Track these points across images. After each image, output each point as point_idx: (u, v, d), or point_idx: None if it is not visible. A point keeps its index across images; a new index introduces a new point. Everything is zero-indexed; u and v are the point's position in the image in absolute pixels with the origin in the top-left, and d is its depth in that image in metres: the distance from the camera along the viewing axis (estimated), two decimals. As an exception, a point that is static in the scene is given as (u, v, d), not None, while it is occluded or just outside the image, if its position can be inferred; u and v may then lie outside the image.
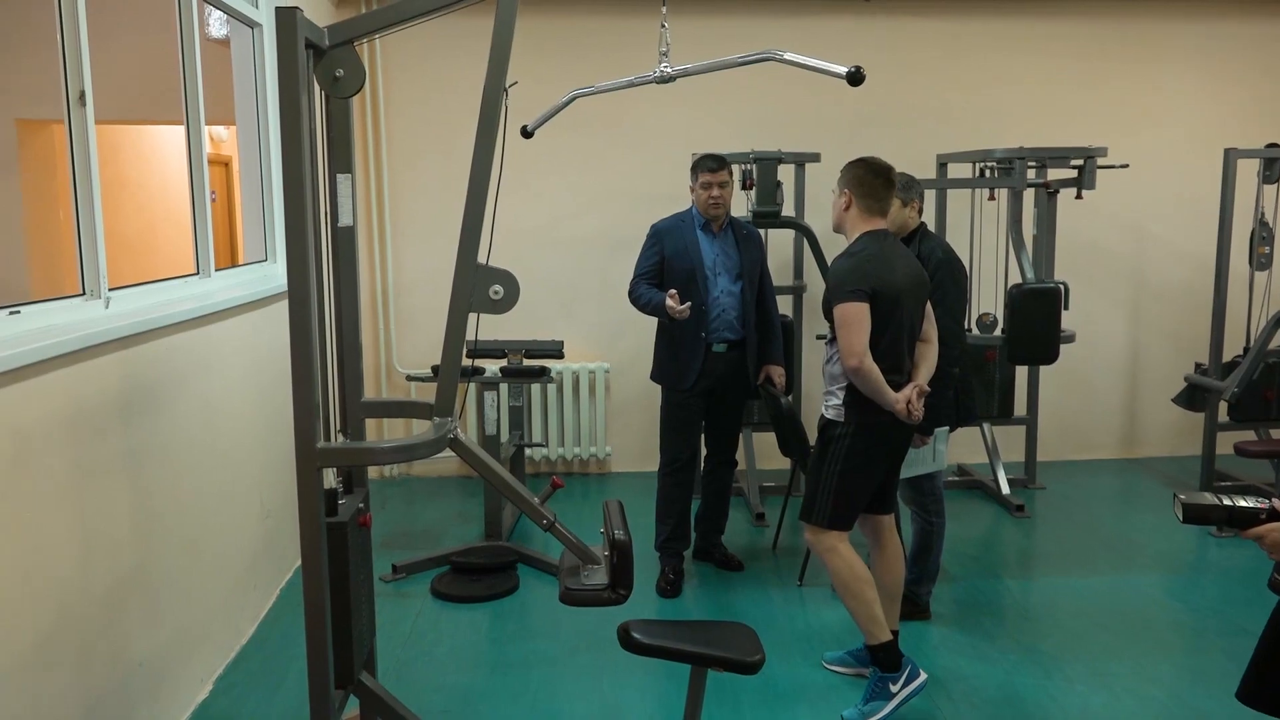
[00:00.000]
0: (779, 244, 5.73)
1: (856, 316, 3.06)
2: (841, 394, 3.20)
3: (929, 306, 3.34)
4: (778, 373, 4.27)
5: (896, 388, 3.14)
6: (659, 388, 4.30)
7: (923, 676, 3.28)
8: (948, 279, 3.64)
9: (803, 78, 4.57)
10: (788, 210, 5.19)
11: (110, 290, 2.95)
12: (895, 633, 3.37)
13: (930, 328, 3.36)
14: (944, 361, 3.55)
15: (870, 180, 3.23)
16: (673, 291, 3.96)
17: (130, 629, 2.84)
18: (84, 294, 2.88)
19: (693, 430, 4.25)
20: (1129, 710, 3.24)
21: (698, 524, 4.47)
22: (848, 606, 3.25)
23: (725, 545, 4.52)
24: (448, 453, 2.40)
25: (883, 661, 3.21)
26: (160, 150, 7.62)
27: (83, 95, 2.78)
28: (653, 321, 4.29)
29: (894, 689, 3.21)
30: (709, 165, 4.10)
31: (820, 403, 3.36)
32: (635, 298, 4.19)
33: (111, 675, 2.73)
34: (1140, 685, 3.40)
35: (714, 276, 4.14)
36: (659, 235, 4.21)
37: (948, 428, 3.73)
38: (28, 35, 5.39)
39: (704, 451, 4.42)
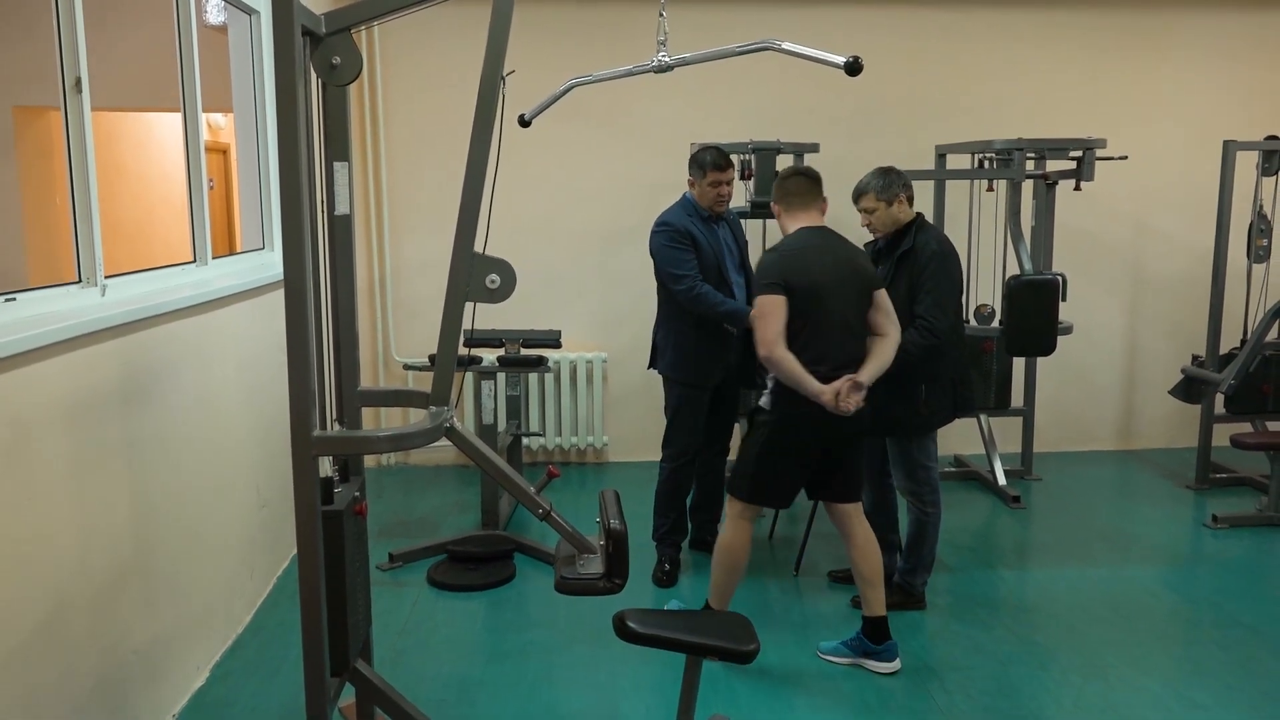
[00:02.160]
0: (777, 235, 5.71)
1: (767, 307, 3.26)
2: (773, 383, 3.38)
3: (881, 299, 3.38)
4: None
5: (826, 379, 3.23)
6: (657, 378, 4.28)
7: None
8: (940, 271, 3.62)
9: (801, 68, 4.56)
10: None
11: (107, 278, 2.95)
12: (882, 617, 3.40)
13: (887, 322, 3.39)
14: (926, 354, 3.57)
15: (786, 184, 3.50)
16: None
17: (127, 616, 2.85)
18: (80, 281, 2.88)
19: (703, 422, 4.21)
20: (1124, 701, 3.25)
21: (693, 514, 4.47)
22: (712, 567, 3.50)
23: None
24: (445, 441, 2.40)
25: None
26: (158, 138, 7.61)
27: (79, 82, 2.78)
28: (651, 311, 4.27)
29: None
30: (720, 163, 4.04)
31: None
32: (707, 300, 3.98)
33: (108, 663, 2.73)
34: (1135, 676, 3.41)
35: (727, 270, 4.12)
36: (685, 230, 4.05)
37: None
38: (24, 21, 5.37)
39: None
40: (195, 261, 3.74)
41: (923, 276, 3.61)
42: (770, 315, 3.25)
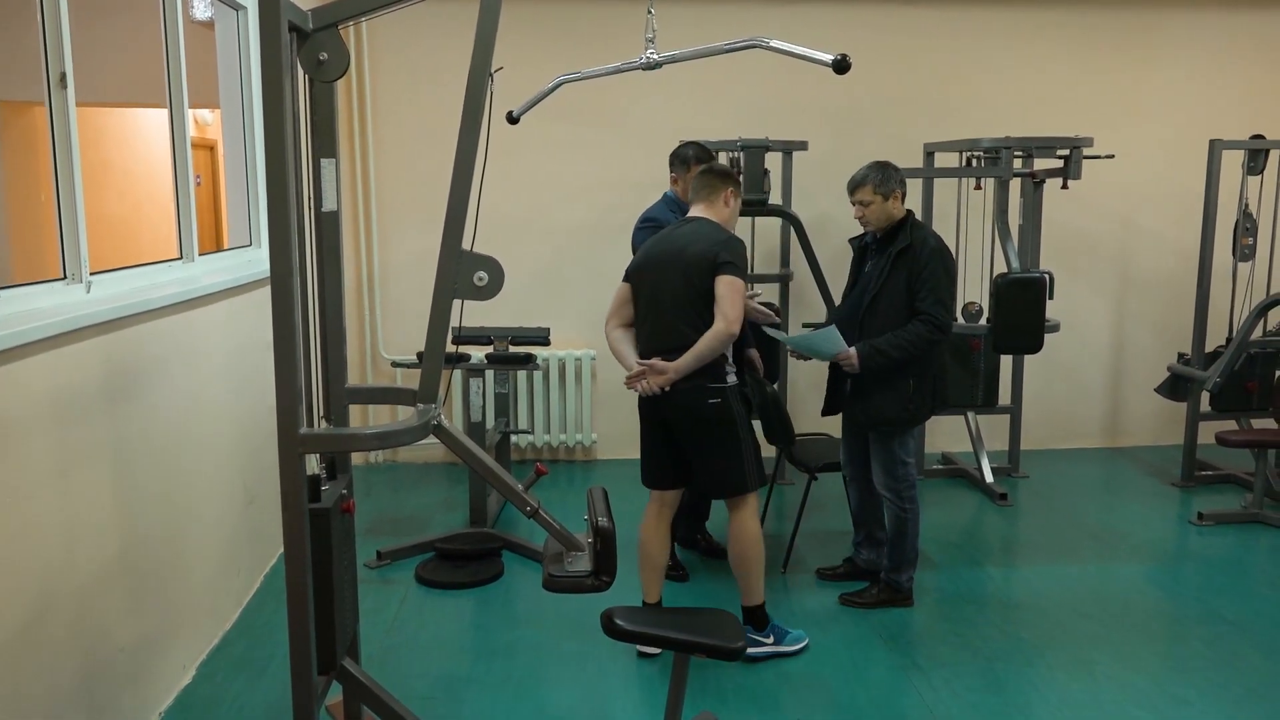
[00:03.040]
0: (766, 232, 5.74)
1: (617, 292, 3.57)
2: None
3: (716, 287, 3.31)
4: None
5: (643, 358, 3.40)
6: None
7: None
8: (940, 267, 3.66)
9: (790, 65, 4.56)
10: (775, 198, 5.19)
11: (92, 274, 2.93)
12: (751, 608, 3.52)
13: (717, 313, 3.31)
14: (930, 348, 3.58)
15: (696, 180, 3.59)
16: None
17: (112, 615, 2.83)
18: (65, 278, 2.86)
19: None
20: (1110, 697, 3.26)
21: (683, 514, 4.45)
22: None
23: (710, 533, 4.52)
24: (432, 439, 2.39)
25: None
26: (144, 133, 7.57)
27: (63, 77, 2.76)
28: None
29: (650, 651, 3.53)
30: (703, 157, 4.02)
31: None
32: None
33: (93, 661, 2.72)
34: (1121, 672, 3.43)
35: None
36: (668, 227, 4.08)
37: (834, 326, 3.75)
38: (7, 15, 5.33)
39: None
40: (182, 258, 3.72)
41: (924, 273, 3.63)
42: (614, 298, 3.57)
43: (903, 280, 3.66)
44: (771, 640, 3.51)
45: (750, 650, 3.46)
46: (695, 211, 3.53)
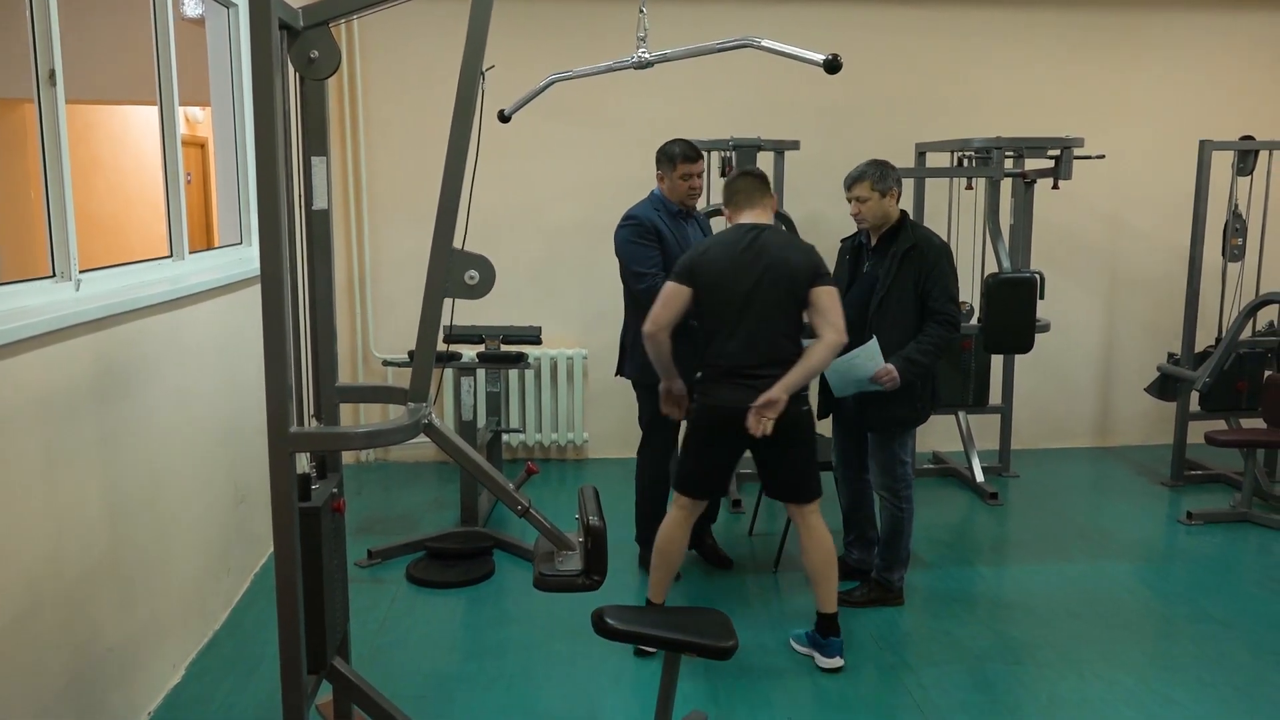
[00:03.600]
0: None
1: (666, 293, 3.41)
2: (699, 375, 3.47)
3: (818, 298, 3.30)
4: None
5: (726, 374, 3.30)
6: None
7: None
8: (947, 266, 3.70)
9: (782, 65, 4.55)
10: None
11: (81, 272, 2.92)
12: (829, 615, 3.41)
13: (822, 323, 3.31)
14: (948, 346, 3.65)
15: (733, 185, 3.52)
16: None
17: (101, 614, 2.82)
18: (54, 276, 2.85)
19: (677, 427, 4.11)
20: (1098, 696, 3.28)
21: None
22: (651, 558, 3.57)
23: (715, 537, 4.42)
24: (423, 438, 2.39)
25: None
26: (135, 131, 7.54)
27: (53, 74, 2.74)
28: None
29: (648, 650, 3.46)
30: (690, 154, 3.98)
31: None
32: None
33: (82, 660, 2.71)
34: (1109, 671, 3.44)
35: None
36: (651, 225, 3.98)
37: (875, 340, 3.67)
38: (-3, 12, 5.30)
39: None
40: (172, 256, 3.70)
41: (934, 271, 3.65)
42: (665, 300, 3.39)
43: (910, 280, 3.67)
44: (824, 652, 3.45)
45: (826, 664, 3.41)
46: (749, 218, 3.43)
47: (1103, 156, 5.41)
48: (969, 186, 5.62)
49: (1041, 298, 4.98)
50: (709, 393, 3.38)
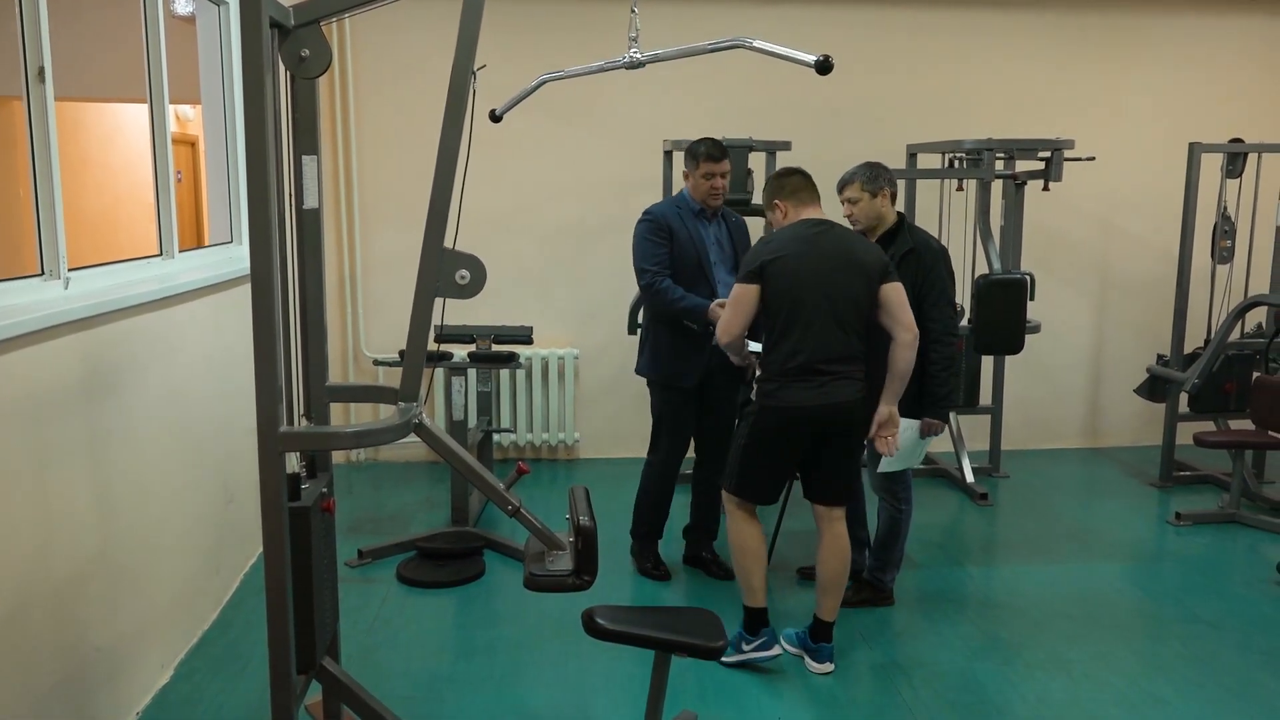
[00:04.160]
0: (753, 233, 5.73)
1: (737, 295, 3.32)
2: (757, 374, 3.43)
3: (886, 296, 3.32)
4: (754, 361, 4.21)
5: (803, 371, 3.22)
6: (630, 375, 4.25)
7: (776, 651, 3.44)
8: (945, 271, 3.71)
9: (773, 66, 4.57)
10: (758, 198, 5.20)
11: (70, 271, 2.91)
12: (827, 623, 3.42)
13: (893, 324, 3.33)
14: (941, 351, 3.63)
15: (790, 180, 3.46)
16: (720, 301, 3.76)
17: (89, 613, 2.81)
18: (43, 274, 2.83)
19: (690, 427, 4.14)
20: (1087, 696, 3.29)
21: (689, 532, 4.35)
22: (734, 568, 3.53)
23: (717, 552, 4.33)
24: (414, 438, 2.39)
25: (746, 623, 3.44)
26: (125, 128, 7.51)
27: (42, 71, 2.73)
28: (624, 309, 4.25)
29: (745, 647, 3.42)
30: (714, 154, 3.92)
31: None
32: (664, 296, 3.90)
33: (70, 660, 2.70)
34: (1099, 671, 3.45)
35: (714, 267, 4.00)
36: (665, 223, 3.94)
37: (918, 423, 3.71)
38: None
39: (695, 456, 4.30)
40: (161, 254, 3.69)
41: (931, 275, 3.64)
42: (736, 304, 3.32)
43: (908, 283, 3.65)
44: (815, 657, 3.47)
45: (816, 669, 3.42)
46: (811, 213, 3.40)
47: (1093, 159, 5.43)
48: (960, 188, 5.64)
49: (1032, 299, 5.00)
50: (777, 395, 3.28)
